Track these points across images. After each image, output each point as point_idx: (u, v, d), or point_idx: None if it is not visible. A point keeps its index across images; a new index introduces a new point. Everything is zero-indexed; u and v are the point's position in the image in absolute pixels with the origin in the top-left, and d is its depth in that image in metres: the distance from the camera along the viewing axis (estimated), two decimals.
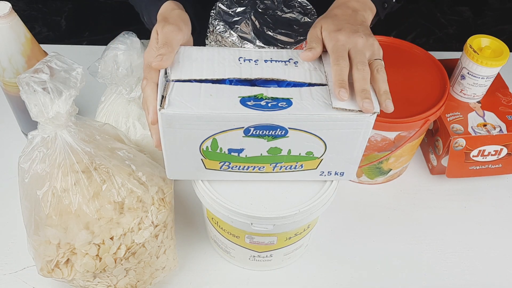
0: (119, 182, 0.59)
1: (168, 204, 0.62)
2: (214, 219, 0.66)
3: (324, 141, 0.56)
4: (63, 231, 0.57)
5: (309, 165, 0.60)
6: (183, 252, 0.73)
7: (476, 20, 2.22)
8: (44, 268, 0.59)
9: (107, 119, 0.76)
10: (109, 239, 0.57)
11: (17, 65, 0.71)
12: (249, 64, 0.56)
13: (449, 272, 0.74)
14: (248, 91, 0.54)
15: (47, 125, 0.56)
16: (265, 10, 0.74)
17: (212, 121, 0.52)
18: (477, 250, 0.76)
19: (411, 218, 0.80)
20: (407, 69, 0.78)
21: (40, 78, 0.54)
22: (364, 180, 0.84)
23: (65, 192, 0.57)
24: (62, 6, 2.18)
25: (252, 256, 0.69)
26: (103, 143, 0.61)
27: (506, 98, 0.84)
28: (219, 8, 0.73)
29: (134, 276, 0.62)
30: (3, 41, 0.69)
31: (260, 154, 0.57)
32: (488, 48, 0.79)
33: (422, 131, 0.75)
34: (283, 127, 0.53)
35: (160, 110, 0.51)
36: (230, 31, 0.70)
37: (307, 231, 0.68)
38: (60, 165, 0.57)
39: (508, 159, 0.81)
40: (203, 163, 0.58)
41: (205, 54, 0.57)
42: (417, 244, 0.77)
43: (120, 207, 0.58)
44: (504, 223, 0.80)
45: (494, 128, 0.79)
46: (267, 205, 0.60)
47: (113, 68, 0.69)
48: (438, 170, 0.85)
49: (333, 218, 0.78)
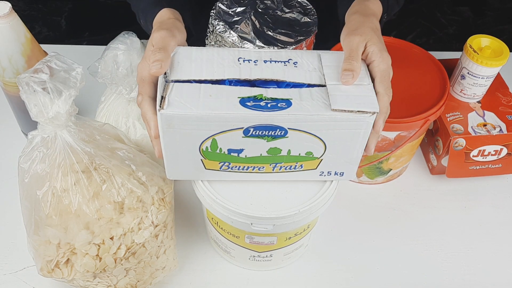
0: (119, 182, 0.59)
1: (168, 204, 0.62)
2: (214, 219, 0.66)
3: (323, 142, 0.56)
4: (63, 231, 0.57)
5: (309, 165, 0.60)
6: (183, 252, 0.73)
7: (476, 20, 2.22)
8: (44, 268, 0.59)
9: (107, 119, 0.76)
10: (109, 239, 0.57)
11: (17, 65, 0.71)
12: (249, 65, 0.56)
13: (449, 272, 0.74)
14: (247, 91, 0.54)
15: (47, 125, 0.56)
16: (265, 10, 0.74)
17: (211, 121, 0.52)
18: (477, 250, 0.76)
19: (411, 218, 0.80)
20: (407, 69, 0.78)
21: (40, 78, 0.54)
22: (364, 180, 0.84)
23: (65, 192, 0.57)
24: (62, 6, 2.18)
25: (252, 256, 0.69)
26: (103, 143, 0.61)
27: (506, 98, 0.84)
28: (219, 8, 0.73)
29: (134, 276, 0.62)
30: (3, 41, 0.69)
31: (259, 155, 0.57)
32: (488, 48, 0.79)
33: (422, 131, 0.75)
34: (282, 127, 0.53)
35: (160, 111, 0.51)
36: (230, 31, 0.70)
37: (307, 231, 0.68)
38: (60, 165, 0.57)
39: (508, 159, 0.81)
40: (203, 164, 0.58)
41: (205, 55, 0.57)
42: (417, 244, 0.77)
43: (120, 207, 0.58)
44: (504, 223, 0.80)
45: (494, 128, 0.79)
46: (267, 205, 0.60)
47: (113, 68, 0.69)
48: (438, 170, 0.85)
49: (333, 218, 0.78)
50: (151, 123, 0.55)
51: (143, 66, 0.57)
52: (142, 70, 0.57)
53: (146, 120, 0.56)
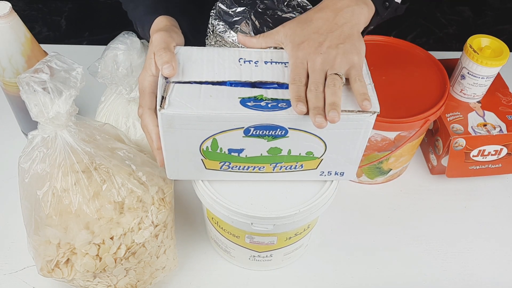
0: (119, 182, 0.59)
1: (168, 204, 0.62)
2: (214, 219, 0.66)
3: (324, 141, 0.56)
4: (63, 231, 0.57)
5: (309, 165, 0.60)
6: (183, 252, 0.73)
7: (476, 20, 2.22)
8: (44, 268, 0.59)
9: (107, 119, 0.76)
10: (109, 239, 0.57)
11: (17, 65, 0.71)
12: (249, 66, 0.56)
13: (449, 272, 0.74)
14: (248, 92, 0.54)
15: (47, 125, 0.56)
16: (265, 10, 0.74)
17: (212, 121, 0.52)
18: (477, 250, 0.76)
19: (411, 218, 0.80)
20: (407, 69, 0.78)
21: (40, 78, 0.54)
22: (364, 180, 0.84)
23: (65, 192, 0.57)
24: (62, 6, 2.18)
25: (252, 256, 0.69)
26: (103, 143, 0.61)
27: (506, 98, 0.84)
28: (219, 8, 0.73)
29: (134, 276, 0.62)
30: (3, 41, 0.69)
31: (260, 154, 0.57)
32: (488, 48, 0.79)
33: (422, 131, 0.75)
34: (283, 127, 0.53)
35: (160, 111, 0.51)
36: (230, 31, 0.70)
37: (307, 231, 0.68)
38: (60, 165, 0.57)
39: (508, 159, 0.81)
40: (203, 163, 0.58)
41: (205, 55, 0.57)
42: (417, 244, 0.77)
43: (120, 207, 0.58)
44: (504, 223, 0.80)
45: (494, 128, 0.79)
46: (267, 205, 0.60)
47: (113, 68, 0.69)
48: (438, 170, 0.85)
49: (333, 218, 0.78)
50: (152, 135, 0.56)
51: (144, 76, 0.57)
52: (143, 80, 0.57)
53: (147, 132, 0.57)
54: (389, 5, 0.62)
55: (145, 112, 0.56)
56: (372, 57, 0.69)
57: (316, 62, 0.54)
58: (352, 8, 0.57)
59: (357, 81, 0.53)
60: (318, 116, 0.50)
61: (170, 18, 0.64)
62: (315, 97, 0.51)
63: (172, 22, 0.63)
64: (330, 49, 0.54)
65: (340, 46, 0.54)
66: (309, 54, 0.54)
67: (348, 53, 0.54)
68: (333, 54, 0.54)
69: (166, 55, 0.54)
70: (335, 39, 0.55)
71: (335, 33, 0.55)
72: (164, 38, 0.57)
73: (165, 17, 0.63)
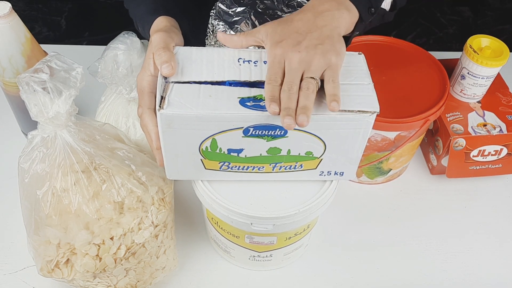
0: (119, 182, 0.59)
1: (168, 204, 0.62)
2: (214, 219, 0.66)
3: (323, 141, 0.56)
4: (63, 231, 0.57)
5: (309, 165, 0.60)
6: (183, 252, 0.73)
7: (476, 20, 2.22)
8: (44, 268, 0.59)
9: (107, 119, 0.76)
10: (109, 239, 0.57)
11: (17, 65, 0.71)
12: (249, 66, 0.56)
13: (449, 272, 0.74)
14: (247, 92, 0.54)
15: (47, 125, 0.56)
16: (265, 10, 0.74)
17: (211, 121, 0.52)
18: (477, 250, 0.76)
19: (411, 218, 0.80)
20: (407, 69, 0.78)
21: (40, 78, 0.54)
22: (364, 180, 0.84)
23: (65, 192, 0.57)
24: (62, 6, 2.18)
25: (252, 256, 0.69)
26: (103, 143, 0.61)
27: (506, 98, 0.84)
28: (219, 8, 0.73)
29: (134, 276, 0.62)
30: (3, 41, 0.69)
31: (259, 154, 0.57)
32: (488, 48, 0.79)
33: (422, 131, 0.75)
34: (282, 127, 0.53)
35: (159, 111, 0.51)
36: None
37: (307, 231, 0.68)
38: (60, 165, 0.57)
39: (508, 159, 0.81)
40: (203, 163, 0.58)
41: (205, 55, 0.57)
42: (417, 244, 0.77)
43: (120, 207, 0.58)
44: (504, 223, 0.80)
45: (494, 128, 0.79)
46: (267, 205, 0.60)
47: (113, 68, 0.70)
48: (438, 170, 0.85)
49: (333, 218, 0.78)
50: (152, 135, 0.56)
51: (142, 76, 0.57)
52: (142, 80, 0.57)
53: (147, 132, 0.57)
54: (375, 12, 0.61)
55: (145, 112, 0.57)
56: (372, 57, 0.69)
57: (293, 60, 0.53)
58: (333, 12, 0.57)
59: (330, 82, 0.53)
60: (287, 117, 0.50)
61: (170, 19, 0.64)
62: (288, 97, 0.51)
63: (172, 22, 0.63)
64: (308, 48, 0.54)
65: (319, 46, 0.54)
66: (287, 52, 0.54)
67: (326, 53, 0.54)
68: (311, 53, 0.54)
69: (165, 54, 0.54)
70: (314, 39, 0.55)
71: (314, 34, 0.55)
72: (164, 38, 0.57)
73: (165, 18, 0.63)
